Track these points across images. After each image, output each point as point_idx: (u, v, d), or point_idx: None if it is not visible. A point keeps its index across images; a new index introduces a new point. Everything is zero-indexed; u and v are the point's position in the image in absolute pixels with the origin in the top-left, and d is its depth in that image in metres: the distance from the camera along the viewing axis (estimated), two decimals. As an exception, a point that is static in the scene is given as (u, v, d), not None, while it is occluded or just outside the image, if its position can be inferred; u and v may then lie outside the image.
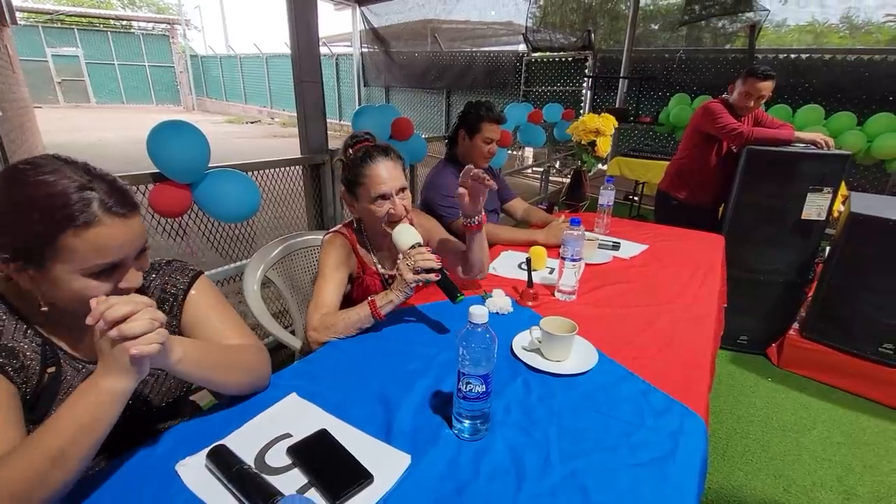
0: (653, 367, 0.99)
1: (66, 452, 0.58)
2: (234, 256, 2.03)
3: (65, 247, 0.60)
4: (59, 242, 0.60)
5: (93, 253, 0.62)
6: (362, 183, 1.16)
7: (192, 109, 17.37)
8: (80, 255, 0.61)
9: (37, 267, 0.61)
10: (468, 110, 1.84)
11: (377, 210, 1.16)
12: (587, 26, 6.31)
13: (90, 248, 0.61)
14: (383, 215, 1.16)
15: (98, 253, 0.62)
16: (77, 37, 15.57)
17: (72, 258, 0.61)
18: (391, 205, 1.16)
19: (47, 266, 0.61)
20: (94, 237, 0.61)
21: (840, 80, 4.40)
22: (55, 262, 0.61)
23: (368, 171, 1.15)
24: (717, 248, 1.84)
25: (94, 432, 0.60)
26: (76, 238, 0.60)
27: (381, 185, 1.14)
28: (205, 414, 0.82)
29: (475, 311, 0.71)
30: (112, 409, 0.61)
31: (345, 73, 11.11)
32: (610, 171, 4.23)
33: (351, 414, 0.82)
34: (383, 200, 1.16)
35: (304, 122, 2.14)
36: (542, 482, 0.69)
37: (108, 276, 0.65)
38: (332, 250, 1.20)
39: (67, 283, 0.62)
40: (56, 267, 0.61)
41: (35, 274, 0.62)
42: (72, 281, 0.62)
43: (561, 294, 1.33)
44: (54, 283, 0.62)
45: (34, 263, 0.61)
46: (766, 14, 4.83)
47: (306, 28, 2.05)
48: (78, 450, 0.59)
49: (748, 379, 2.28)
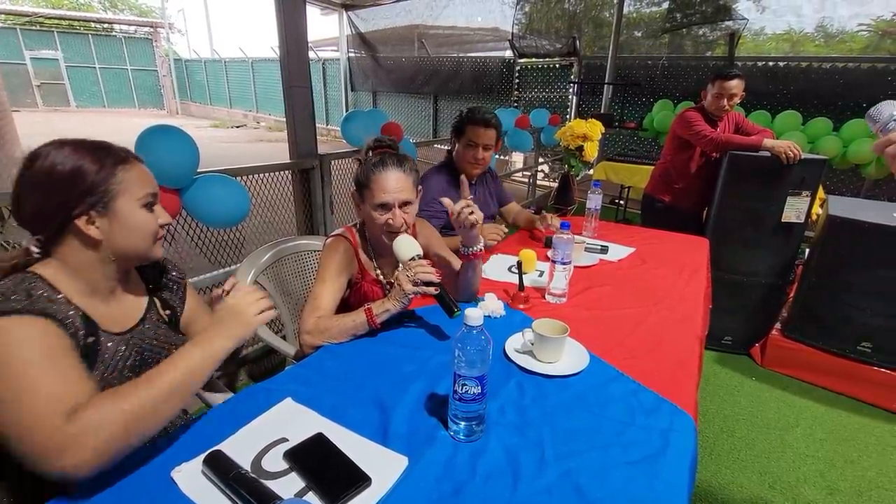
0: (642, 367, 1.02)
1: (174, 392, 0.70)
2: (222, 262, 2.01)
3: (122, 179, 0.76)
4: (117, 176, 0.75)
5: (141, 183, 0.78)
6: (370, 187, 1.16)
7: (176, 113, 17.12)
8: (134, 185, 0.77)
9: (104, 208, 0.74)
10: (459, 115, 1.83)
11: (377, 218, 1.17)
12: (572, 33, 6.41)
13: (138, 179, 0.78)
14: (382, 224, 1.17)
15: (144, 183, 0.79)
16: (56, 39, 15.25)
17: (128, 189, 0.76)
18: (391, 216, 1.15)
19: (114, 204, 0.75)
20: (136, 171, 0.78)
21: (816, 87, 4.53)
22: (117, 197, 0.75)
23: (377, 177, 1.15)
24: (702, 250, 1.89)
25: (198, 379, 0.74)
26: (126, 172, 0.76)
27: (384, 194, 1.14)
28: (199, 420, 0.82)
29: (471, 313, 0.73)
30: (215, 363, 0.76)
31: (332, 77, 11.08)
32: (596, 175, 4.29)
33: (347, 417, 0.83)
34: (384, 210, 1.16)
35: (293, 127, 2.14)
36: (538, 481, 0.70)
37: (152, 210, 0.81)
38: (335, 255, 1.20)
39: (130, 215, 0.77)
40: (120, 201, 0.75)
41: (103, 217, 0.75)
42: (133, 212, 0.77)
43: (552, 297, 1.35)
44: (121, 219, 0.76)
45: (103, 203, 0.74)
46: (745, 23, 4.97)
47: (295, 33, 2.05)
48: (182, 392, 0.72)
49: (733, 378, 2.33)
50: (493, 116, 1.79)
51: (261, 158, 8.72)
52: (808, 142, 3.85)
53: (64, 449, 0.61)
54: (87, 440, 0.62)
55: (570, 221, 1.36)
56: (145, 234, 0.79)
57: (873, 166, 3.71)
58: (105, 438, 0.63)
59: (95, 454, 0.62)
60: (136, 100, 17.06)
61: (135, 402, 0.66)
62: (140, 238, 0.79)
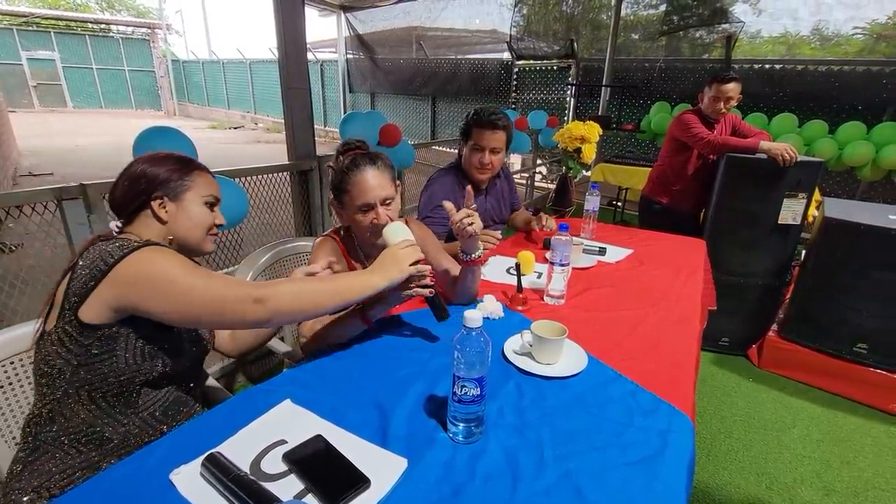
0: (640, 368, 1.02)
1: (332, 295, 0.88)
2: (220, 264, 2.01)
3: (194, 179, 0.96)
4: (191, 176, 0.96)
5: (208, 186, 0.98)
6: (348, 191, 1.15)
7: (174, 114, 17.09)
8: (202, 186, 0.97)
9: (174, 197, 0.93)
10: (466, 116, 1.77)
11: (362, 220, 1.16)
12: (570, 35, 6.43)
13: (206, 183, 0.98)
14: (368, 225, 1.16)
15: (209, 187, 0.99)
16: (53, 40, 15.21)
17: (197, 187, 0.96)
18: (375, 215, 1.14)
19: (182, 196, 0.94)
20: (205, 177, 0.99)
21: (812, 90, 4.56)
22: (187, 191, 0.95)
23: (354, 179, 1.13)
24: (699, 251, 1.90)
25: (349, 296, 0.91)
26: (199, 176, 0.97)
27: (364, 195, 1.13)
28: (197, 422, 0.82)
29: (470, 315, 0.73)
30: (367, 291, 0.92)
31: (330, 79, 11.08)
32: (594, 177, 4.31)
33: (346, 419, 0.83)
34: (367, 210, 1.15)
35: (291, 129, 2.14)
36: (537, 483, 0.70)
37: (211, 209, 0.99)
38: (322, 256, 1.20)
39: (193, 208, 0.95)
40: (187, 195, 0.95)
41: (173, 202, 0.93)
42: (195, 206, 0.96)
43: (550, 298, 1.35)
44: (184, 210, 0.94)
45: (174, 194, 0.93)
46: (742, 26, 5.00)
47: (294, 35, 2.05)
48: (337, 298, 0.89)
49: (730, 380, 2.34)
50: (501, 117, 1.70)
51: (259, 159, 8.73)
52: (805, 144, 3.88)
53: (262, 299, 0.80)
54: (278, 295, 0.82)
55: (568, 223, 1.37)
56: (201, 226, 0.96)
57: (868, 168, 3.74)
58: (288, 300, 0.83)
59: (281, 307, 0.82)
60: (133, 101, 17.02)
61: (303, 287, 0.87)
62: (196, 227, 0.96)
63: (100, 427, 0.85)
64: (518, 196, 2.10)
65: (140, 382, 0.87)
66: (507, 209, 2.02)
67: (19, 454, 0.85)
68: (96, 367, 0.82)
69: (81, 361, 0.82)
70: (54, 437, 0.83)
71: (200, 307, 0.79)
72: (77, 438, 0.84)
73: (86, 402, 0.84)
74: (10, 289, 1.56)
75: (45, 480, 0.80)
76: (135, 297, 0.78)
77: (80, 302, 0.79)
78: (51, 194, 1.39)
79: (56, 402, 0.83)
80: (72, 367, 0.82)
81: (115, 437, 0.86)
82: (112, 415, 0.86)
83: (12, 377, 0.95)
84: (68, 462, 0.83)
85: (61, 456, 0.83)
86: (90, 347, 0.81)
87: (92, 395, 0.84)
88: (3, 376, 0.94)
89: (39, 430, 0.84)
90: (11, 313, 1.53)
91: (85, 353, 0.81)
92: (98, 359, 0.82)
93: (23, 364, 0.96)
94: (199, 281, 0.79)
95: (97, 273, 0.78)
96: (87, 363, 0.82)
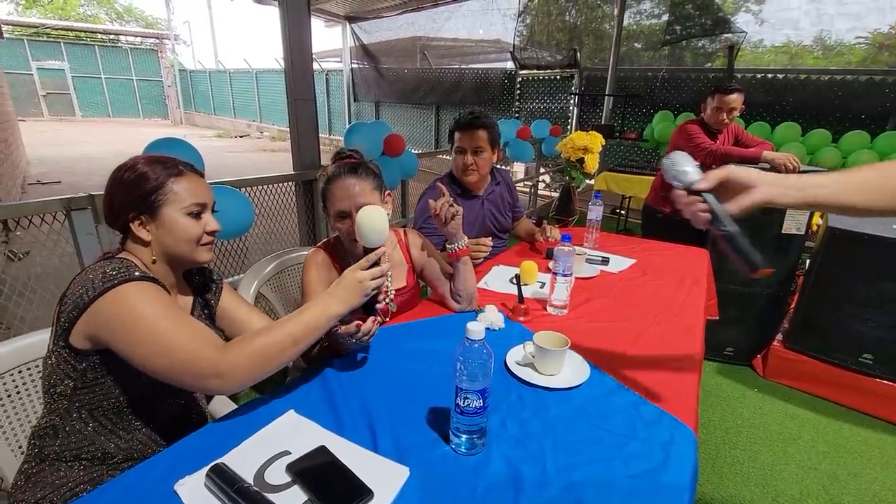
0: (643, 380, 1.02)
1: (298, 338, 0.85)
2: (225, 273, 2.03)
3: (170, 190, 0.86)
4: (166, 188, 0.86)
5: (187, 194, 0.88)
6: (328, 198, 1.16)
7: (181, 123, 17.29)
8: (180, 196, 0.87)
9: (152, 214, 0.86)
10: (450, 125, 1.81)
11: (340, 227, 1.17)
12: (573, 45, 6.48)
13: (186, 191, 0.88)
14: (345, 233, 1.17)
15: (190, 194, 0.88)
16: (63, 50, 15.47)
17: (175, 199, 0.87)
18: (351, 222, 1.11)
19: (160, 212, 0.86)
20: (185, 183, 0.89)
21: (815, 99, 4.57)
22: (164, 205, 0.86)
23: (332, 188, 1.15)
24: (702, 261, 1.90)
25: (312, 334, 0.87)
26: (176, 184, 0.87)
27: (340, 202, 1.13)
28: (202, 433, 0.82)
29: (472, 327, 0.73)
30: (329, 322, 0.89)
31: (334, 88, 11.19)
32: (597, 185, 4.32)
33: (348, 430, 0.83)
34: (344, 217, 1.15)
35: (296, 139, 2.17)
36: (540, 494, 0.70)
37: (198, 218, 0.90)
38: (313, 268, 1.21)
39: (174, 221, 0.87)
40: (165, 210, 0.86)
41: (152, 222, 0.86)
42: (177, 219, 0.87)
43: (553, 308, 1.36)
44: (166, 225, 0.87)
45: (151, 211, 0.86)
46: (744, 35, 5.02)
47: (300, 46, 2.08)
48: (300, 341, 0.86)
49: (735, 390, 2.32)
50: (479, 116, 1.71)
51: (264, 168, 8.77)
52: (808, 153, 3.88)
53: (220, 374, 0.78)
54: (235, 370, 0.79)
55: (571, 233, 1.37)
56: (186, 239, 0.89)
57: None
58: (248, 368, 0.80)
59: (241, 379, 0.80)
60: (140, 110, 17.24)
61: (267, 344, 0.82)
62: (182, 241, 0.89)
63: (102, 443, 0.86)
64: (521, 204, 2.10)
65: (140, 400, 0.87)
66: (509, 217, 2.02)
67: (23, 465, 0.85)
68: (94, 389, 0.83)
69: (78, 385, 0.82)
70: (58, 451, 0.84)
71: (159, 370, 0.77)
72: (79, 454, 0.84)
73: (87, 419, 0.85)
74: (19, 297, 1.58)
75: (49, 493, 0.81)
76: (106, 336, 0.77)
77: (69, 329, 0.79)
78: (60, 204, 1.41)
79: (59, 417, 0.84)
80: (70, 388, 0.83)
81: (118, 454, 0.86)
82: (115, 431, 0.87)
83: (20, 386, 0.96)
84: (71, 476, 0.83)
85: (65, 469, 0.83)
86: (85, 371, 0.82)
87: (93, 412, 0.85)
88: (10, 385, 0.95)
89: (44, 443, 0.85)
90: (20, 322, 1.54)
91: (81, 377, 0.82)
92: (94, 381, 0.83)
93: (31, 373, 0.98)
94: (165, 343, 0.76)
95: (80, 304, 0.77)
96: (83, 385, 0.83)
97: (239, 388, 0.81)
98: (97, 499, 0.68)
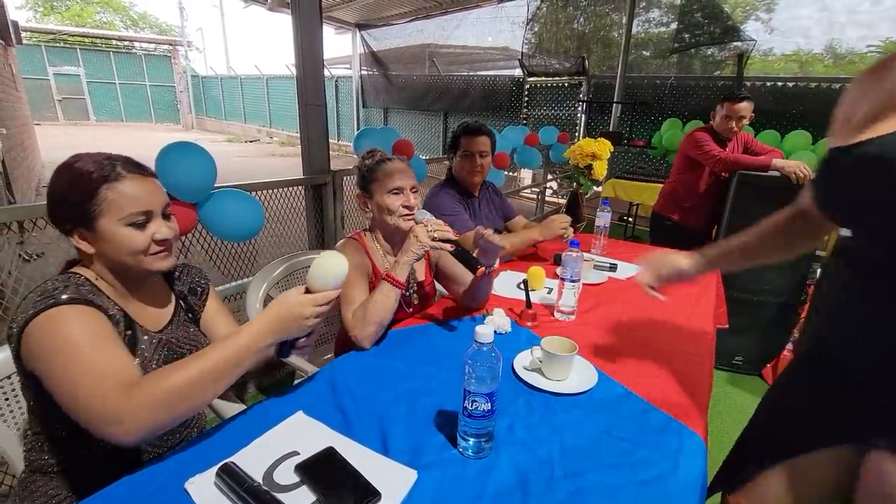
0: (651, 386, 1.01)
1: (221, 374, 0.76)
2: (235, 275, 2.05)
3: (104, 200, 0.76)
4: (98, 197, 0.76)
5: (125, 201, 0.78)
6: (379, 179, 1.26)
7: (192, 128, 17.52)
8: (117, 205, 0.77)
9: (88, 227, 0.77)
10: (452, 133, 1.91)
11: (392, 203, 1.24)
12: (581, 52, 6.51)
13: (121, 198, 0.77)
14: (398, 208, 1.24)
15: (128, 202, 0.78)
16: (79, 56, 15.78)
17: (111, 209, 0.77)
18: (405, 198, 1.25)
19: (96, 224, 0.77)
20: (122, 188, 0.78)
21: (826, 108, 4.50)
22: (100, 217, 0.77)
23: (385, 168, 1.26)
24: (712, 269, 1.88)
25: (239, 367, 0.78)
26: (110, 191, 0.77)
27: (396, 180, 1.25)
28: (212, 432, 0.83)
29: (481, 330, 0.74)
30: (258, 352, 0.80)
31: (344, 94, 11.31)
32: (605, 192, 4.31)
33: (356, 431, 0.83)
34: (398, 194, 1.25)
35: (307, 144, 2.19)
36: (547, 499, 0.70)
37: (143, 227, 0.80)
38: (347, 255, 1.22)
39: (113, 234, 0.78)
40: (101, 221, 0.77)
41: (91, 235, 0.78)
42: (116, 231, 0.78)
43: (560, 314, 1.36)
44: (105, 239, 0.78)
45: (86, 224, 0.77)
46: (753, 43, 5.02)
47: (312, 53, 2.11)
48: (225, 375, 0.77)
49: (745, 400, 2.29)
50: (483, 125, 1.89)
51: (273, 173, 8.84)
52: (818, 162, 3.84)
53: (118, 421, 0.68)
54: (138, 415, 0.68)
55: (578, 239, 1.38)
56: (130, 251, 0.79)
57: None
58: (153, 415, 0.69)
59: (144, 427, 0.69)
60: (153, 114, 17.51)
61: (181, 381, 0.72)
62: (126, 254, 0.79)
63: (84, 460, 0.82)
64: (510, 205, 2.17)
65: None
66: (500, 218, 2.10)
67: (22, 474, 0.85)
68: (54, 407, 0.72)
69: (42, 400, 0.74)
70: (45, 464, 0.82)
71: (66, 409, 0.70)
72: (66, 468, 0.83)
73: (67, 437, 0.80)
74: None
75: (45, 501, 0.81)
76: (31, 363, 0.72)
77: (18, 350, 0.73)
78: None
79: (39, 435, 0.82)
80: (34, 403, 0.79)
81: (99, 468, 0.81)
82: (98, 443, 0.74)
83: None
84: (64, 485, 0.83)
85: (57, 480, 0.83)
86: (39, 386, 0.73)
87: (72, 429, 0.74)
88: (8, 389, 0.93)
89: (31, 456, 0.83)
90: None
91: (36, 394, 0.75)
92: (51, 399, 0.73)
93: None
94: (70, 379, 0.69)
95: (17, 329, 0.72)
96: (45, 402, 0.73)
97: (145, 437, 0.70)
98: (108, 496, 0.69)
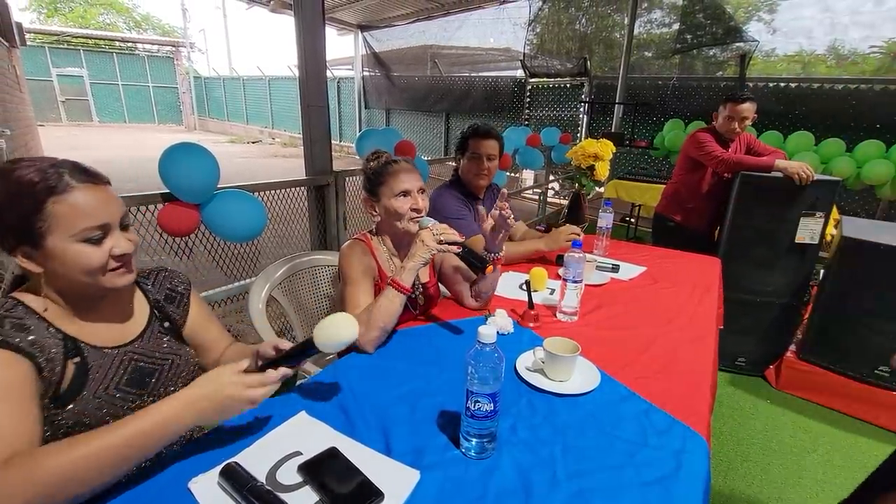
0: (654, 387, 1.01)
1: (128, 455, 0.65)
2: (237, 275, 2.05)
3: (51, 214, 0.68)
4: (45, 212, 0.68)
5: (75, 216, 0.69)
6: (387, 182, 1.25)
7: (194, 129, 17.56)
8: (66, 221, 0.69)
9: (34, 245, 0.69)
10: (461, 133, 1.90)
11: (400, 206, 1.23)
12: (583, 53, 6.51)
13: (72, 212, 0.69)
14: (406, 210, 1.24)
15: (80, 216, 0.70)
16: (83, 58, 15.84)
17: (59, 225, 0.68)
18: (413, 200, 1.24)
19: (44, 242, 0.69)
20: (72, 200, 0.69)
21: (829, 108, 4.53)
22: (48, 234, 0.68)
23: (393, 171, 1.25)
24: (714, 269, 1.88)
25: (154, 446, 0.68)
26: (57, 205, 0.68)
27: (404, 182, 1.24)
28: (215, 432, 0.83)
29: (484, 331, 0.74)
30: (169, 438, 0.69)
31: (346, 95, 11.33)
32: (607, 193, 4.31)
33: (359, 432, 0.84)
34: (406, 196, 1.24)
35: (309, 145, 2.19)
36: (550, 500, 0.70)
37: (98, 243, 0.72)
38: (354, 257, 1.23)
39: (65, 252, 0.69)
40: (50, 239, 0.69)
41: (37, 254, 0.69)
42: (67, 249, 0.69)
43: (563, 315, 1.36)
44: (55, 258, 0.69)
45: (32, 242, 0.69)
46: (756, 44, 5.01)
47: (314, 54, 2.12)
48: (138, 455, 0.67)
49: (747, 401, 2.29)
50: (493, 129, 1.88)
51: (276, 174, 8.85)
52: (822, 162, 3.83)
53: None
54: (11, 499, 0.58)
55: (581, 240, 1.37)
56: (84, 270, 0.71)
57: (888, 187, 3.68)
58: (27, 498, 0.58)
59: None
60: (155, 116, 17.57)
61: (67, 463, 0.61)
62: (80, 273, 0.71)
63: None
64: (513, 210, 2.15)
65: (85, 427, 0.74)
66: None
67: None
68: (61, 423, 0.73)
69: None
70: None
71: None
72: None
73: None
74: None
75: None
76: None
77: None
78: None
79: None
80: None
81: None
82: None
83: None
84: None
85: None
86: None
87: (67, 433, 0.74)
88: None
89: None
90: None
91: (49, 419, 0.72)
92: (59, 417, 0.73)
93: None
94: None
95: None
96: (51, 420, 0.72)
97: None
98: (112, 495, 0.69)
